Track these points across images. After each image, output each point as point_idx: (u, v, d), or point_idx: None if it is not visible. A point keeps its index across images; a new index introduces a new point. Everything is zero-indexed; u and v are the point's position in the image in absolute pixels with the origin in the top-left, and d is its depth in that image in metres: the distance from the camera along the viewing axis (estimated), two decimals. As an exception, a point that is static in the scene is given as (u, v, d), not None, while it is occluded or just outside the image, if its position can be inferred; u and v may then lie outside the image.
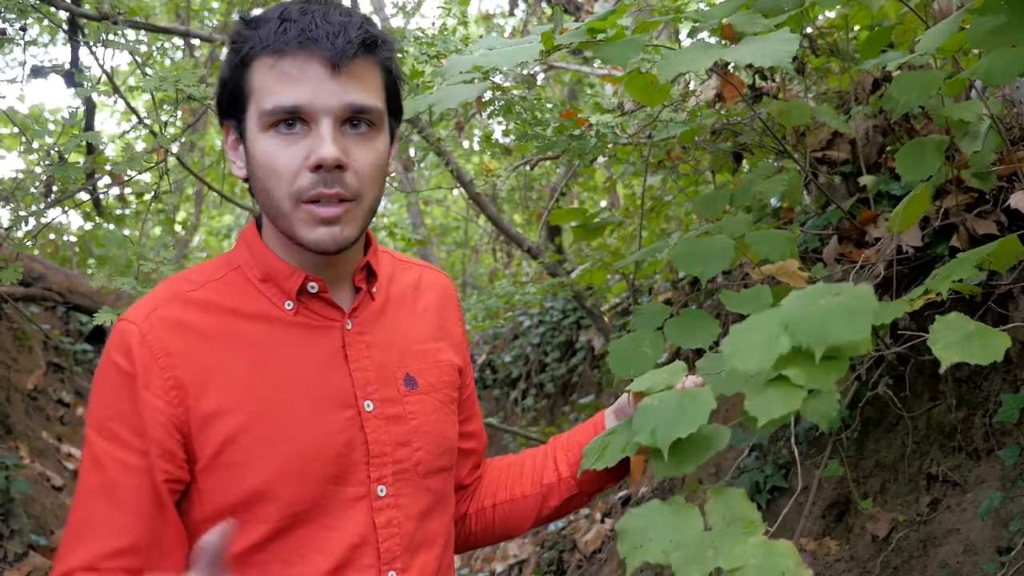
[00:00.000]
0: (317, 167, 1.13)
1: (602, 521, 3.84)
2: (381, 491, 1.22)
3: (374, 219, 1.31)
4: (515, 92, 2.67)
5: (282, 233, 1.20)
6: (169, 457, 1.14)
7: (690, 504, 1.22)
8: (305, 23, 1.13)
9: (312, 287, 1.22)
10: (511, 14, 6.59)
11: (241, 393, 1.17)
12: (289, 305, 1.22)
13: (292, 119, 1.13)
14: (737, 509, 1.20)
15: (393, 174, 1.31)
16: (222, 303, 1.21)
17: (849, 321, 1.12)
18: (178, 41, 6.61)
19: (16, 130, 3.83)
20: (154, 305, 1.19)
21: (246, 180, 1.22)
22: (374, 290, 1.30)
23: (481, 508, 1.48)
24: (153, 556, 1.14)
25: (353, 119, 1.16)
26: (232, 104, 1.19)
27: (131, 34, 3.28)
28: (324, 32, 1.12)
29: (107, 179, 3.49)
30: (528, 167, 3.79)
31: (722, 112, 2.80)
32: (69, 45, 3.73)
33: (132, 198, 5.51)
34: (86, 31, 3.53)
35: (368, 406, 1.23)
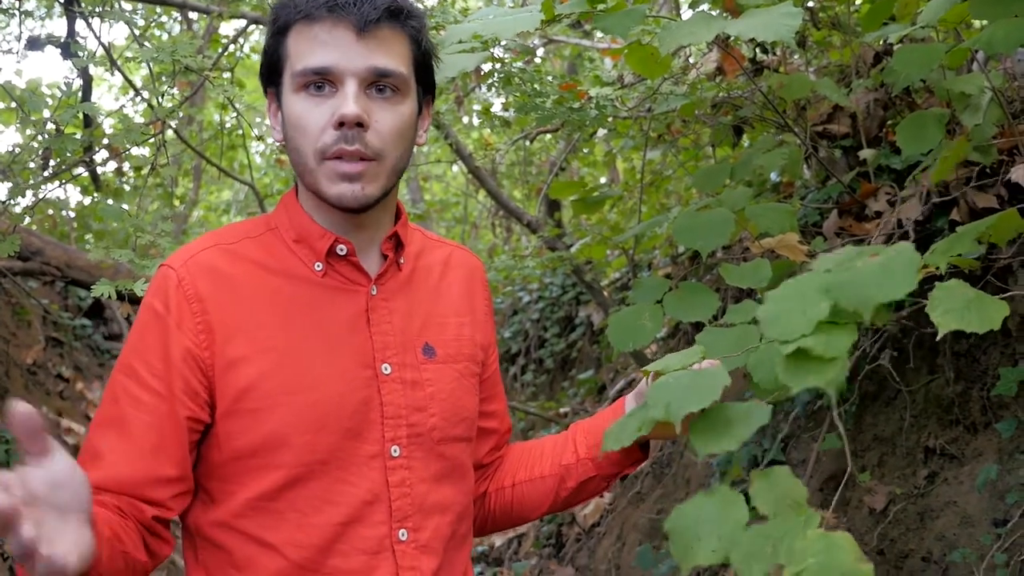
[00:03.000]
0: (340, 124, 1.19)
1: (601, 495, 3.86)
2: (395, 451, 1.26)
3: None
4: (515, 64, 2.65)
5: (309, 190, 1.26)
6: (192, 395, 1.21)
7: (734, 492, 1.20)
8: None
9: (341, 249, 1.28)
10: (511, -13, 6.54)
11: (265, 342, 1.22)
12: (319, 266, 1.28)
13: (321, 81, 1.21)
14: (784, 488, 1.17)
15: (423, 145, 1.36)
16: (256, 258, 1.28)
17: (895, 276, 1.07)
18: (176, 13, 6.57)
19: (13, 104, 3.81)
20: (193, 252, 1.26)
21: (284, 143, 1.28)
22: (401, 260, 1.34)
23: (501, 487, 1.51)
24: (144, 490, 1.19)
25: (378, 83, 1.22)
26: (271, 71, 1.27)
27: (127, 6, 3.26)
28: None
29: (105, 153, 3.48)
30: (527, 141, 3.78)
31: (723, 85, 2.79)
32: (65, 17, 3.70)
33: (130, 172, 5.49)
34: (83, 3, 3.51)
35: (385, 369, 1.27)
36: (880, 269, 1.10)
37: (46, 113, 2.87)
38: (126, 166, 5.22)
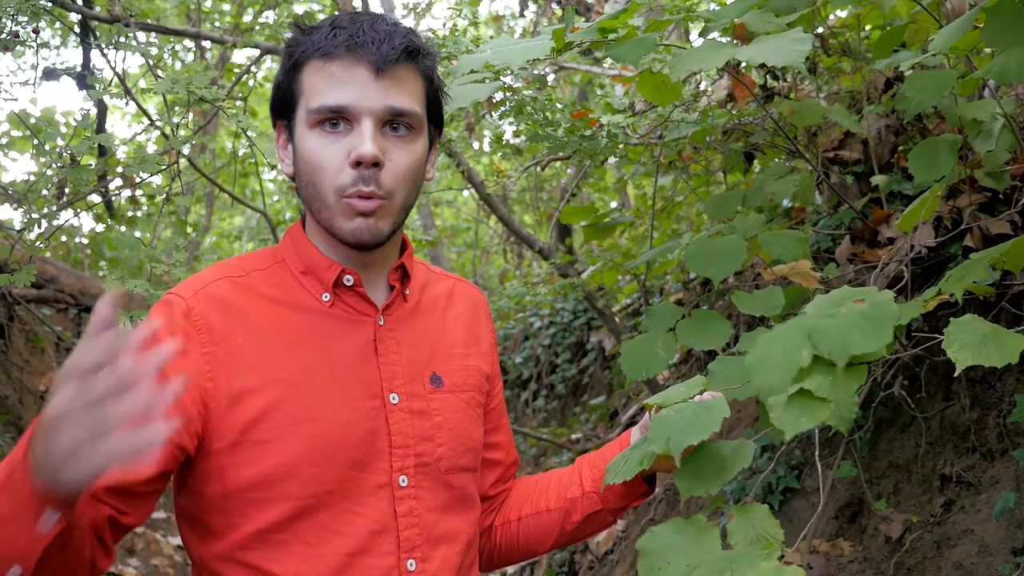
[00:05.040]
0: (357, 163, 1.21)
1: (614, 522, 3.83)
2: (403, 481, 1.27)
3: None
4: (526, 92, 2.66)
5: (322, 226, 1.27)
6: (184, 421, 1.17)
7: (711, 524, 1.21)
8: (354, 30, 1.22)
9: (348, 280, 1.29)
10: (521, 15, 6.59)
11: (273, 374, 1.22)
12: (326, 297, 1.29)
13: (336, 118, 1.22)
14: (761, 526, 1.19)
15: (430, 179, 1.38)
16: (264, 291, 1.28)
17: (871, 330, 1.11)
18: (189, 43, 6.63)
19: (29, 132, 3.84)
20: (203, 283, 1.26)
21: (292, 177, 1.30)
22: (407, 291, 1.36)
23: (507, 521, 1.52)
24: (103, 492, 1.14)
25: (393, 122, 1.24)
26: (284, 105, 1.29)
27: (142, 36, 3.30)
28: (370, 38, 1.21)
29: (119, 181, 3.51)
30: (539, 168, 3.79)
31: (733, 112, 2.79)
32: (81, 48, 3.74)
33: (144, 200, 5.53)
34: (98, 34, 3.55)
35: (394, 398, 1.28)
36: (859, 320, 1.12)
37: (61, 142, 2.90)
38: (139, 193, 5.25)
